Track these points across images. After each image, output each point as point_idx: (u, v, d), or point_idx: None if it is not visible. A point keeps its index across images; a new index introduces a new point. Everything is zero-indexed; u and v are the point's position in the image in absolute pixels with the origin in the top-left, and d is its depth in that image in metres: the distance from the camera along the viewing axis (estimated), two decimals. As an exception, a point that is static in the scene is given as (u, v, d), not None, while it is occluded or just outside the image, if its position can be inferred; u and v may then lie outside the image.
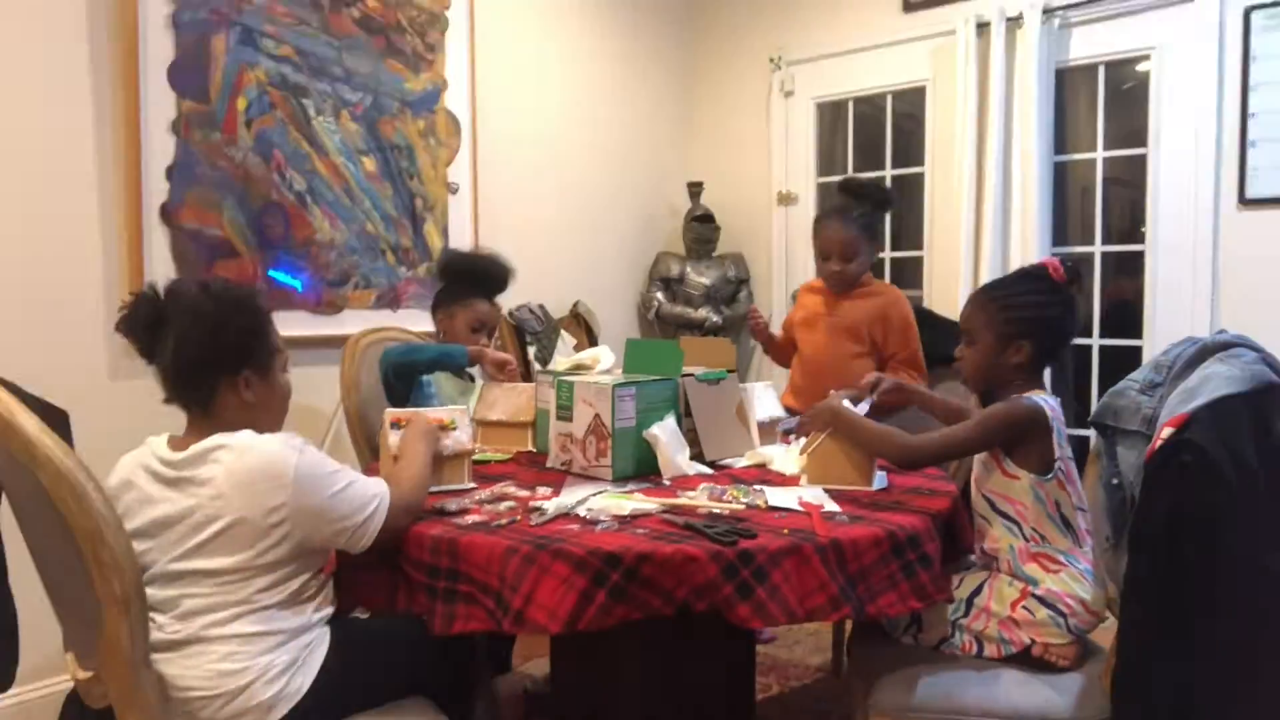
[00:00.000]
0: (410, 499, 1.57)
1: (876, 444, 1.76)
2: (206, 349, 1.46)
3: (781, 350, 2.90)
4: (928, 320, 2.77)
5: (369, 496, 1.48)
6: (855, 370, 2.65)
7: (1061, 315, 1.75)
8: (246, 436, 1.43)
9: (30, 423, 1.21)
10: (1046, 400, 1.69)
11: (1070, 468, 1.68)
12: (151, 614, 1.41)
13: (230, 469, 1.39)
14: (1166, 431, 1.37)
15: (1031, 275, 1.78)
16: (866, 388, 1.97)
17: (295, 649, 1.44)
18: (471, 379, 2.57)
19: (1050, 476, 1.66)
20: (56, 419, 1.69)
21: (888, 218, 4.05)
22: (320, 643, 1.49)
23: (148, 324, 1.48)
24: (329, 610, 1.54)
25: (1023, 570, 1.67)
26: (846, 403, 1.86)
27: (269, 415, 1.56)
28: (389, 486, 1.53)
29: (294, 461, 1.40)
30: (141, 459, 1.48)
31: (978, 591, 1.69)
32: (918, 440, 1.72)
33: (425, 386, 2.39)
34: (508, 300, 3.56)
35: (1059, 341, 1.78)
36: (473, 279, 2.56)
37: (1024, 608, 1.64)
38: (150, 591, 1.42)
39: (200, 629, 1.39)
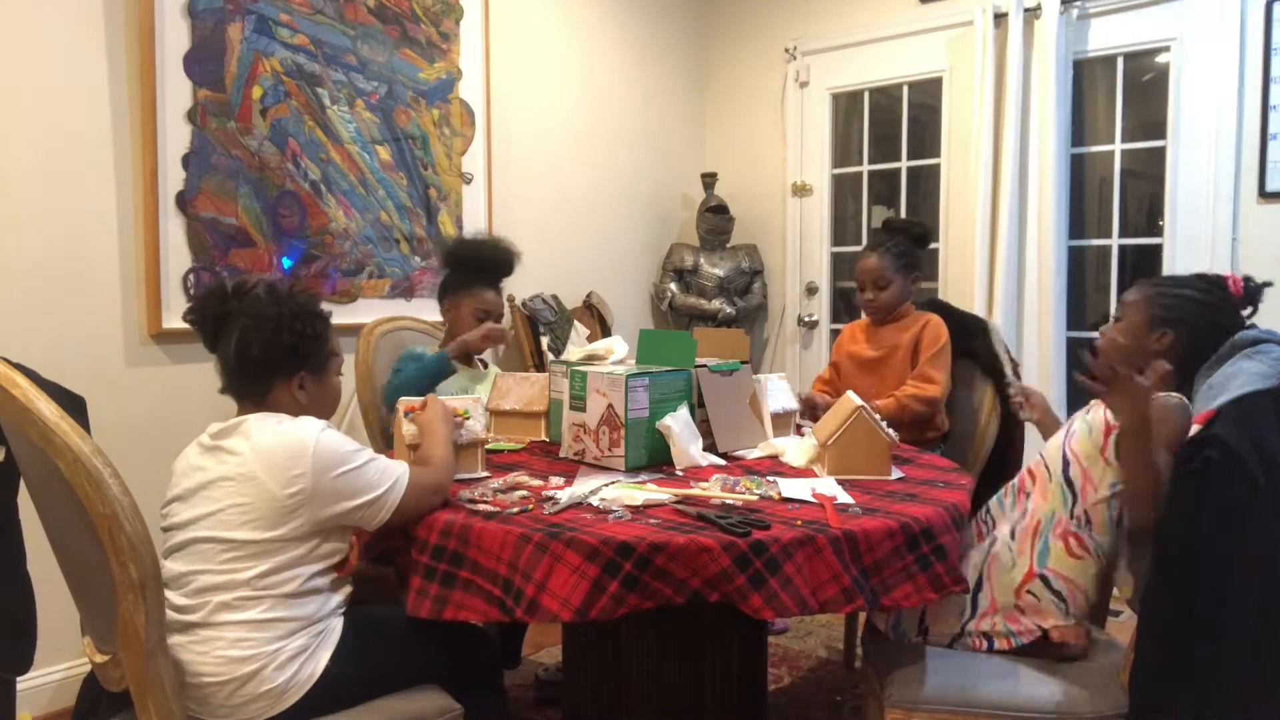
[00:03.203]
0: (439, 478, 1.59)
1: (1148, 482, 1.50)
2: (267, 350, 1.52)
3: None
4: (943, 312, 2.74)
5: (388, 475, 1.51)
6: None
7: (1220, 317, 1.67)
8: (276, 415, 1.49)
9: (48, 409, 1.22)
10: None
11: None
12: (167, 592, 1.43)
13: (257, 440, 1.44)
14: (1193, 427, 1.36)
15: (1203, 278, 1.73)
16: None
17: (307, 636, 1.45)
18: (485, 364, 2.57)
19: None
20: (74, 405, 1.71)
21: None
22: (333, 630, 1.50)
23: (215, 318, 1.54)
24: (343, 604, 1.55)
25: (1045, 539, 1.61)
26: None
27: (318, 415, 1.58)
28: (418, 467, 1.57)
29: (315, 436, 1.45)
30: (200, 436, 1.53)
31: (978, 588, 1.67)
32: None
33: None
34: (521, 290, 3.57)
35: (1209, 340, 1.65)
36: (477, 267, 2.52)
37: (1029, 591, 1.62)
38: (167, 564, 1.45)
39: (210, 612, 1.40)
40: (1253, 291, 1.69)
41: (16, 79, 2.30)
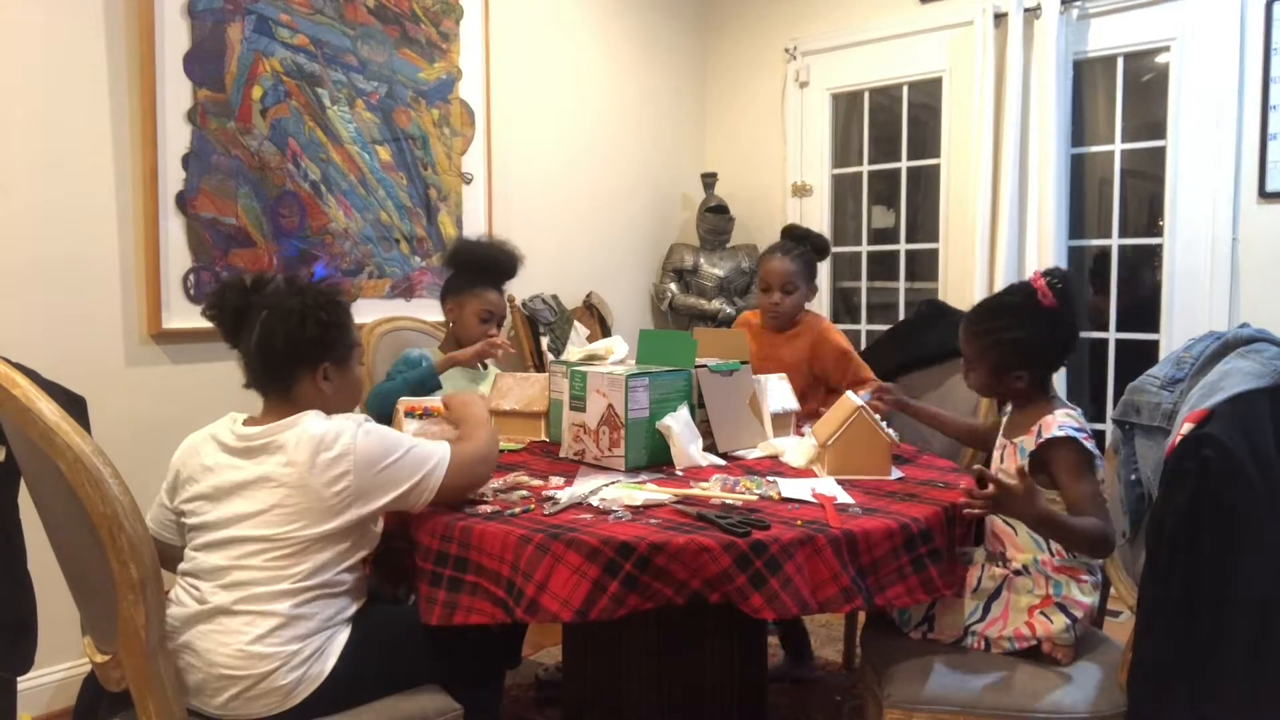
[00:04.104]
0: (480, 448, 1.63)
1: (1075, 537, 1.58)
2: (291, 342, 1.51)
3: None
4: (942, 313, 2.74)
5: (428, 458, 1.53)
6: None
7: (1054, 339, 1.73)
8: (315, 413, 1.50)
9: (49, 409, 1.22)
10: (1080, 430, 1.62)
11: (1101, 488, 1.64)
12: (195, 581, 1.45)
13: (299, 438, 1.44)
14: (1186, 427, 1.36)
15: (1017, 308, 1.73)
16: (873, 390, 2.09)
17: (321, 638, 1.46)
18: (485, 365, 2.57)
19: None
20: (74, 405, 1.71)
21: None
22: (342, 630, 1.50)
23: (235, 311, 1.54)
24: (357, 605, 1.55)
25: (1052, 579, 1.65)
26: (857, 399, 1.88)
27: (342, 405, 1.61)
28: (460, 443, 1.62)
29: (355, 435, 1.46)
30: (214, 431, 1.53)
31: (996, 595, 1.67)
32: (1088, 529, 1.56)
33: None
34: (521, 290, 3.57)
35: (1057, 359, 1.76)
36: (481, 268, 2.55)
37: (1042, 614, 1.63)
38: (200, 557, 1.45)
39: (239, 601, 1.41)
40: (1061, 293, 1.68)
41: (17, 78, 2.30)
